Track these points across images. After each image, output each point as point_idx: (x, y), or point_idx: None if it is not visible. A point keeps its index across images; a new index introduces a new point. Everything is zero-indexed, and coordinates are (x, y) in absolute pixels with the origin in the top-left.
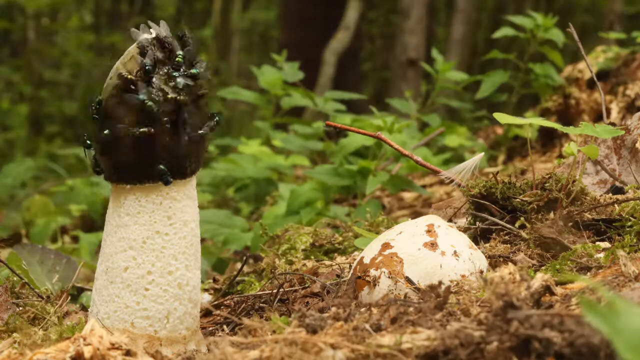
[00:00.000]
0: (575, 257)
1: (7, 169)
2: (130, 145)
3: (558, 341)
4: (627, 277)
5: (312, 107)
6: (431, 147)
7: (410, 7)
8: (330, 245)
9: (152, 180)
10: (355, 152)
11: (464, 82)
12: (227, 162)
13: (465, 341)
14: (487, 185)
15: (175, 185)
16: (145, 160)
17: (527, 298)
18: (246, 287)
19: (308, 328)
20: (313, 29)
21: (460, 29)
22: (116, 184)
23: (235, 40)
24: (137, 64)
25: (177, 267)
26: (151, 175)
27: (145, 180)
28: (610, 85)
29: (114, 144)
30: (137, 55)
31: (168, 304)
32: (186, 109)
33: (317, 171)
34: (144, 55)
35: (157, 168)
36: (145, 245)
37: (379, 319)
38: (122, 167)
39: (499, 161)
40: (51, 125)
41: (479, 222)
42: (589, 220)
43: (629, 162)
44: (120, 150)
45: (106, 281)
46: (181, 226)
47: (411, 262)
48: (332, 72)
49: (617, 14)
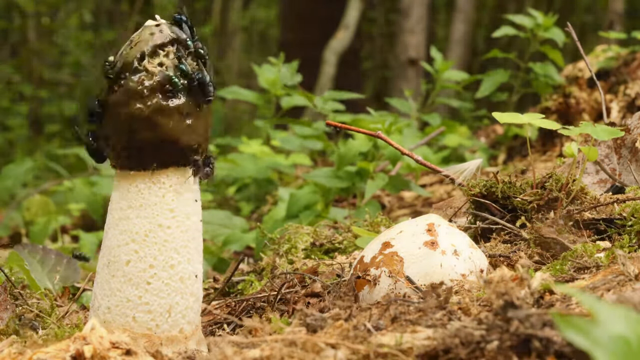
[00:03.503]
0: (575, 257)
1: (7, 170)
2: (145, 125)
3: (558, 340)
4: (628, 277)
5: (312, 108)
6: (432, 147)
7: (411, 7)
8: (331, 244)
9: (163, 165)
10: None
11: (464, 82)
12: (227, 161)
13: (466, 340)
14: (487, 184)
15: (177, 178)
16: (160, 142)
17: (527, 297)
18: (246, 286)
19: (308, 328)
20: (313, 29)
21: (460, 29)
22: (120, 170)
23: (235, 39)
24: (166, 37)
25: (179, 261)
26: (165, 159)
27: (155, 166)
28: (611, 85)
29: (129, 122)
30: (169, 29)
31: (170, 297)
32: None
33: (316, 174)
34: (180, 29)
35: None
36: (148, 238)
37: (379, 318)
38: (132, 149)
39: (499, 160)
40: (51, 125)
41: (480, 221)
42: (589, 219)
43: (629, 162)
44: (134, 130)
45: (108, 275)
46: (183, 219)
47: (411, 261)
48: (332, 72)
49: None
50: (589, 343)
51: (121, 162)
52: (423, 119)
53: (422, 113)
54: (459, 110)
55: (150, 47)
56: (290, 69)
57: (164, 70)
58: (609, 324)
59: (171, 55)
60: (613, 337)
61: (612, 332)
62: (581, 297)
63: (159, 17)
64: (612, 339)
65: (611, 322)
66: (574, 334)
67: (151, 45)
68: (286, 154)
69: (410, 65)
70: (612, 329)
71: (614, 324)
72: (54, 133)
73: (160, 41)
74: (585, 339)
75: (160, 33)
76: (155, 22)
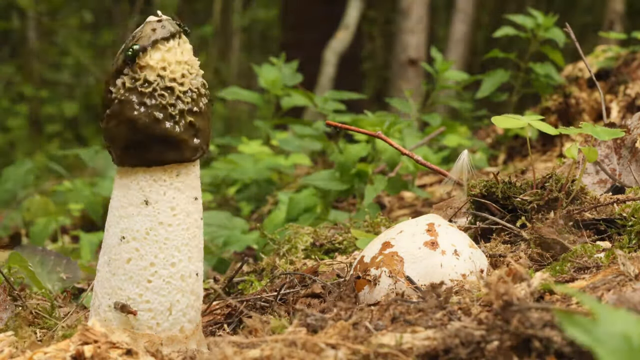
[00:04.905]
0: (575, 257)
1: (7, 172)
2: (146, 122)
3: (558, 340)
4: (628, 277)
5: (312, 108)
6: (432, 147)
7: (411, 7)
8: (331, 244)
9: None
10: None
11: (465, 82)
12: (227, 162)
13: (466, 340)
14: (487, 184)
15: (179, 175)
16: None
17: (527, 297)
18: (246, 286)
19: (309, 328)
20: (313, 29)
21: (460, 29)
22: (121, 167)
23: (236, 40)
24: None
25: (180, 259)
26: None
27: (155, 162)
28: (611, 85)
29: (130, 118)
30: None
31: (171, 296)
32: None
33: (315, 177)
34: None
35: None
36: (149, 236)
37: (379, 318)
38: (134, 145)
39: (500, 161)
40: (51, 125)
41: (480, 221)
42: (589, 219)
43: (629, 162)
44: (136, 126)
45: (108, 273)
46: (184, 217)
47: (411, 261)
48: (332, 72)
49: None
50: (591, 341)
51: (122, 158)
52: (423, 119)
53: (422, 113)
54: (459, 110)
55: (151, 43)
56: (290, 69)
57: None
58: (610, 322)
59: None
60: (615, 335)
61: (614, 331)
62: (582, 297)
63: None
64: (614, 338)
65: (613, 321)
66: (577, 332)
67: (152, 40)
68: (286, 155)
69: (410, 65)
70: (614, 328)
71: (615, 322)
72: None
73: (161, 36)
74: (588, 337)
75: (162, 29)
76: (156, 17)
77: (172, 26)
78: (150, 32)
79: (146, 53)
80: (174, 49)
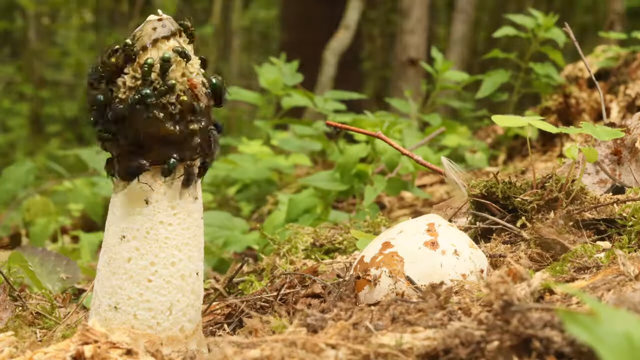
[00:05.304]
0: (575, 257)
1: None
2: (148, 122)
3: (558, 340)
4: (628, 277)
5: (313, 108)
6: (432, 147)
7: (411, 7)
8: (331, 245)
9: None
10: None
11: (464, 82)
12: (227, 162)
13: (466, 340)
14: (487, 184)
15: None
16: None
17: (527, 297)
18: (246, 287)
19: (309, 328)
20: (313, 29)
21: (460, 29)
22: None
23: (236, 40)
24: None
25: (180, 259)
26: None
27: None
28: (611, 85)
29: (132, 118)
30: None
31: (171, 295)
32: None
33: (315, 178)
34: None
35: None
36: (149, 235)
37: (379, 318)
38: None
39: (500, 161)
40: (52, 125)
41: (480, 221)
42: (589, 219)
43: (629, 162)
44: (137, 126)
45: (109, 272)
46: (185, 217)
47: (411, 261)
48: (332, 72)
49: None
50: (593, 340)
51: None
52: (423, 119)
53: (422, 113)
54: (459, 110)
55: (151, 41)
56: (290, 69)
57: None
58: (612, 322)
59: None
60: (617, 334)
61: (616, 330)
62: (583, 296)
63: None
64: (616, 337)
65: (614, 320)
66: (579, 331)
67: (153, 39)
68: (286, 155)
69: (410, 65)
70: (616, 327)
71: (617, 322)
72: (55, 133)
73: (162, 35)
74: (589, 336)
75: (162, 27)
76: (157, 16)
77: (173, 25)
78: (151, 30)
79: (146, 51)
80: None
